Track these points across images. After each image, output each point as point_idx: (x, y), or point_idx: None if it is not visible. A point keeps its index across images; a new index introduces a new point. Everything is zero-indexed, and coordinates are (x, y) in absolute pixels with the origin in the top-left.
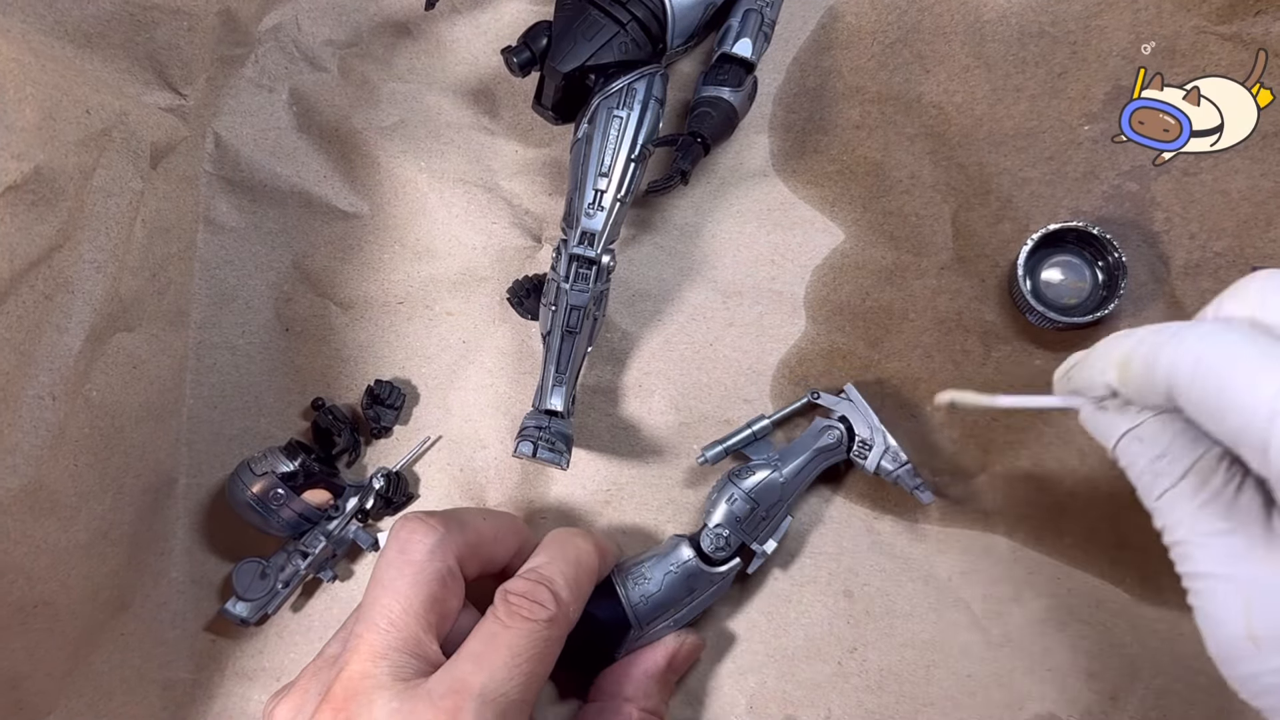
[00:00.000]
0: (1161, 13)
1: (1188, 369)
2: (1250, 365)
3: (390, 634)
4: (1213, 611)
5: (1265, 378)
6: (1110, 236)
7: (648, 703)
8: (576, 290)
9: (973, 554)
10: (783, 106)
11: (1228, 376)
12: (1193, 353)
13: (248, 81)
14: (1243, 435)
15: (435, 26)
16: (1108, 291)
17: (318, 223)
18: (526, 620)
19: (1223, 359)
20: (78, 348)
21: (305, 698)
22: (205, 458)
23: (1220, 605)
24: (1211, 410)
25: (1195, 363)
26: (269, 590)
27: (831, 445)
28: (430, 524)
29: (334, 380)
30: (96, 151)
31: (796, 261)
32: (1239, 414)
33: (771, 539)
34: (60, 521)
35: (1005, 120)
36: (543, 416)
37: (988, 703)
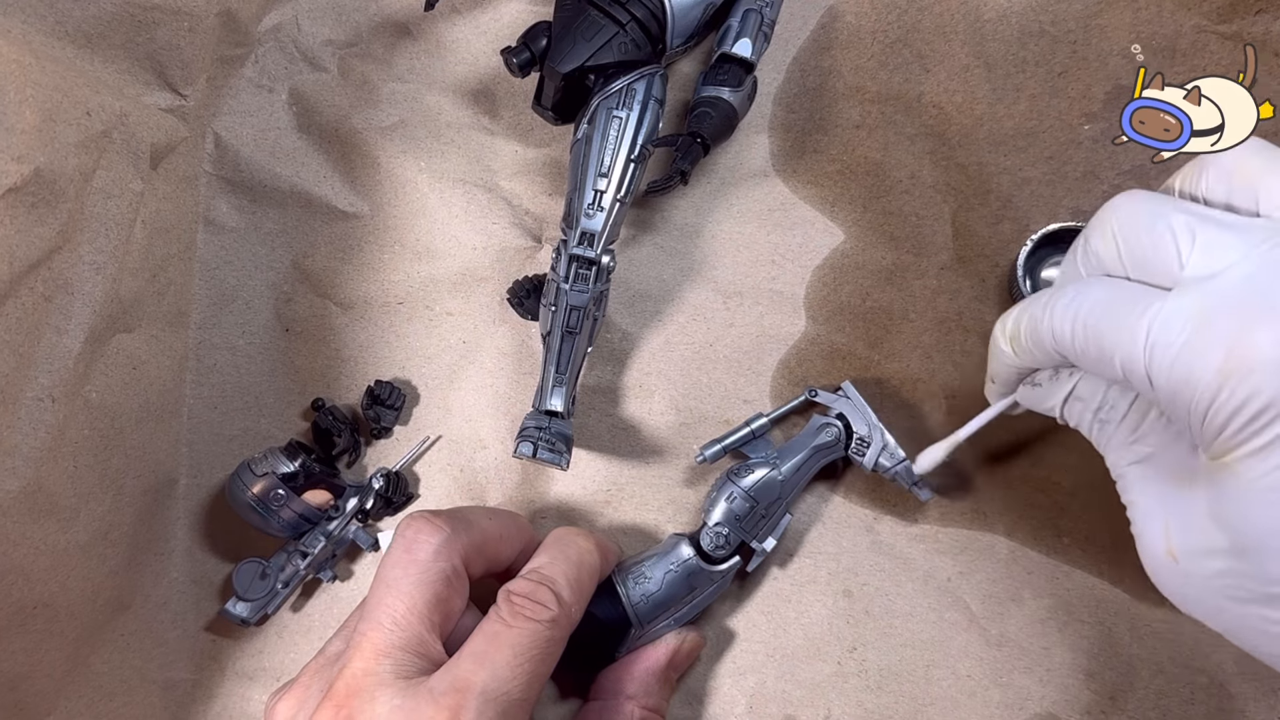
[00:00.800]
0: (1162, 12)
1: (1068, 330)
2: (1119, 311)
3: (394, 632)
4: (1141, 533)
5: (1133, 318)
6: None
7: (649, 701)
8: (576, 291)
9: (972, 554)
10: (783, 106)
11: (1103, 327)
12: (1068, 314)
13: (248, 82)
14: (1129, 372)
15: (435, 26)
16: None
17: (318, 223)
18: (529, 620)
19: (1095, 313)
20: (77, 349)
21: (307, 694)
22: (205, 458)
23: (1145, 528)
24: (1098, 359)
25: (1073, 322)
26: (269, 590)
27: (829, 443)
28: (436, 524)
29: (334, 380)
30: (96, 153)
31: (796, 261)
32: (1121, 355)
33: (771, 537)
34: (60, 522)
35: (1005, 120)
36: (543, 417)
37: (987, 703)
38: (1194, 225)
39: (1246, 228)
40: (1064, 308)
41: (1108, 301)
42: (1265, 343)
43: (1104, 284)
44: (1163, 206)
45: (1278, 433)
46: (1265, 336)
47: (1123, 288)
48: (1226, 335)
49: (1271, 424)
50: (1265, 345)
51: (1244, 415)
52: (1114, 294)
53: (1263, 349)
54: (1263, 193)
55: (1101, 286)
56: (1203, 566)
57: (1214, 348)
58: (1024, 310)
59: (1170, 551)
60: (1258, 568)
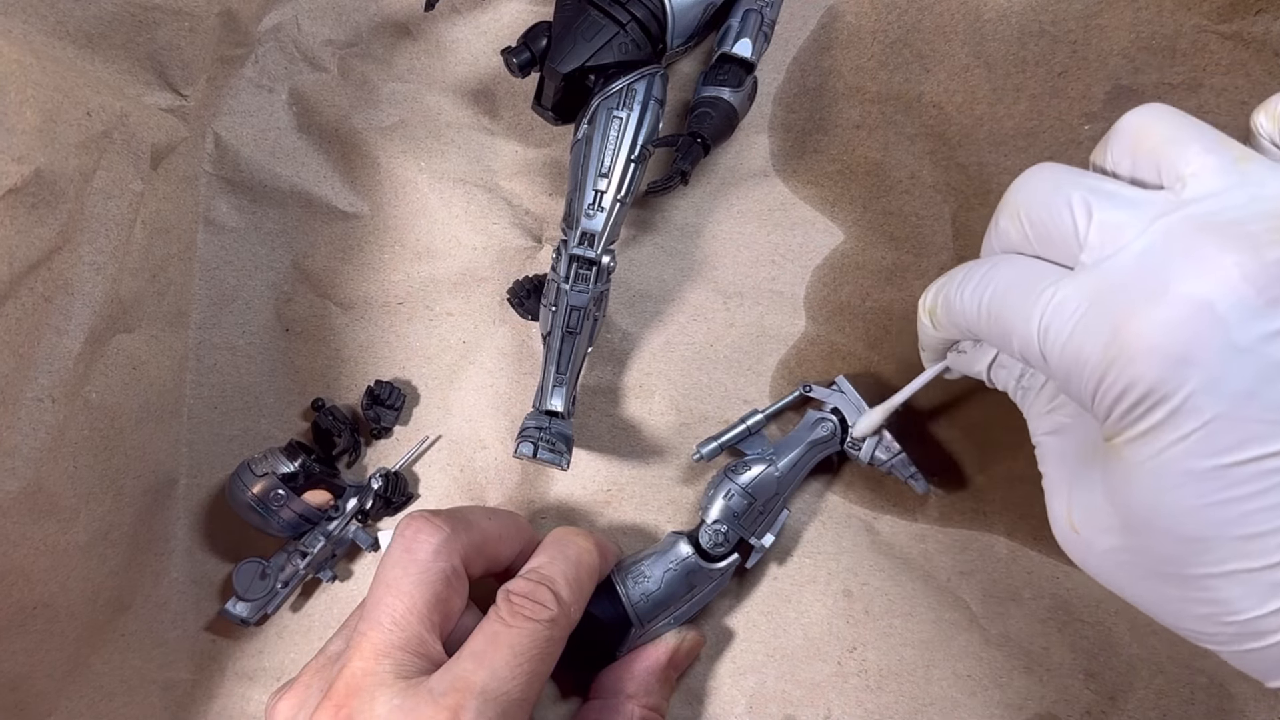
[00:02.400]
0: (1162, 12)
1: (974, 311)
2: (1017, 294)
3: (394, 632)
4: (1049, 504)
5: (1029, 302)
6: None
7: (649, 700)
8: (577, 291)
9: (972, 554)
10: (783, 106)
11: (1003, 310)
12: (975, 297)
13: (248, 82)
14: (1027, 355)
15: (435, 26)
16: None
17: (318, 223)
18: (528, 620)
19: (997, 296)
20: (77, 349)
21: (307, 694)
22: (205, 458)
23: (1052, 499)
24: (1001, 341)
25: (978, 304)
26: (269, 590)
27: (825, 437)
28: (436, 523)
29: (334, 380)
30: (97, 153)
31: (796, 262)
32: (1018, 339)
33: (769, 533)
34: (60, 523)
35: (1006, 120)
36: (543, 417)
37: (987, 703)
38: (1090, 201)
39: (1144, 202)
40: (971, 290)
41: (1009, 284)
42: (1144, 329)
43: (1010, 264)
44: (1065, 182)
45: (1159, 419)
46: (1144, 322)
47: (1026, 269)
48: (1110, 320)
49: (1152, 410)
50: (1144, 331)
51: (1126, 401)
52: (1016, 275)
53: (1142, 335)
54: (1164, 163)
55: (1007, 266)
56: (1100, 541)
57: (1098, 333)
58: (941, 288)
59: (1072, 524)
60: (1146, 547)
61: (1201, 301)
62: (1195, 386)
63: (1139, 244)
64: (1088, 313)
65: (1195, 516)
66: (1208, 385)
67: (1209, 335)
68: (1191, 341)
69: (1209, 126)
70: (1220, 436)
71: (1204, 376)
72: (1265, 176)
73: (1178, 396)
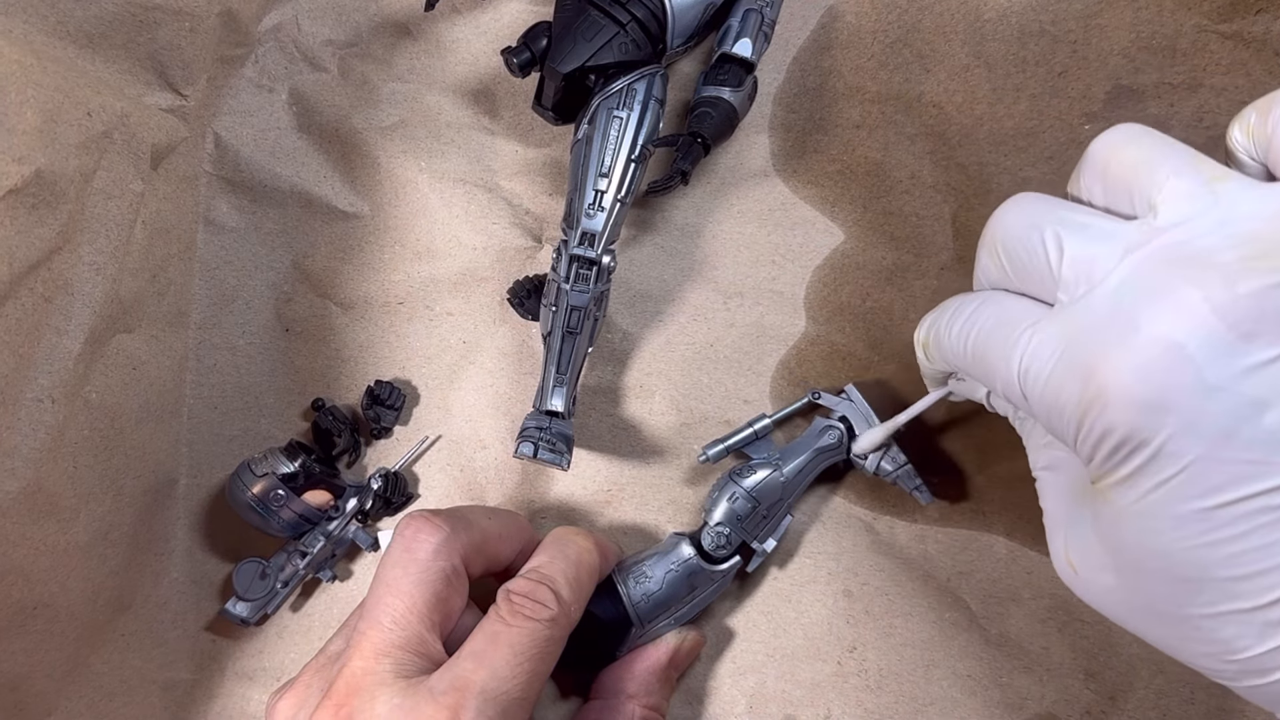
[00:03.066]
0: (1162, 12)
1: (960, 351)
2: (998, 337)
3: (394, 632)
4: (1049, 539)
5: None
6: None
7: (649, 700)
8: (577, 291)
9: (972, 554)
10: (783, 106)
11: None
12: (960, 337)
13: (248, 82)
14: (1009, 395)
15: (435, 26)
16: None
17: (318, 223)
18: (528, 619)
19: (979, 337)
20: (77, 350)
21: (307, 693)
22: (205, 458)
23: (1051, 536)
24: (986, 379)
25: (964, 344)
26: (269, 590)
27: (832, 445)
28: (435, 523)
29: (334, 380)
30: (97, 154)
31: (796, 261)
32: (1000, 382)
33: (771, 538)
34: (60, 523)
35: (1006, 119)
36: (543, 417)
37: (987, 703)
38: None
39: (1115, 235)
40: (958, 329)
41: (991, 325)
42: (1116, 374)
43: (992, 303)
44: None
45: (1138, 464)
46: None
47: (1006, 310)
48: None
49: (1131, 456)
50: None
51: (1105, 447)
52: (998, 316)
53: (1114, 381)
54: (1135, 189)
55: (990, 305)
56: (1098, 580)
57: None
58: (933, 323)
59: (1070, 563)
60: (1140, 588)
61: (1171, 342)
62: (1172, 431)
63: (1111, 281)
64: (1063, 355)
65: (1184, 559)
66: (1184, 429)
67: (1181, 377)
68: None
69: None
70: (1202, 479)
71: (1180, 420)
72: (1238, 197)
73: (1155, 442)
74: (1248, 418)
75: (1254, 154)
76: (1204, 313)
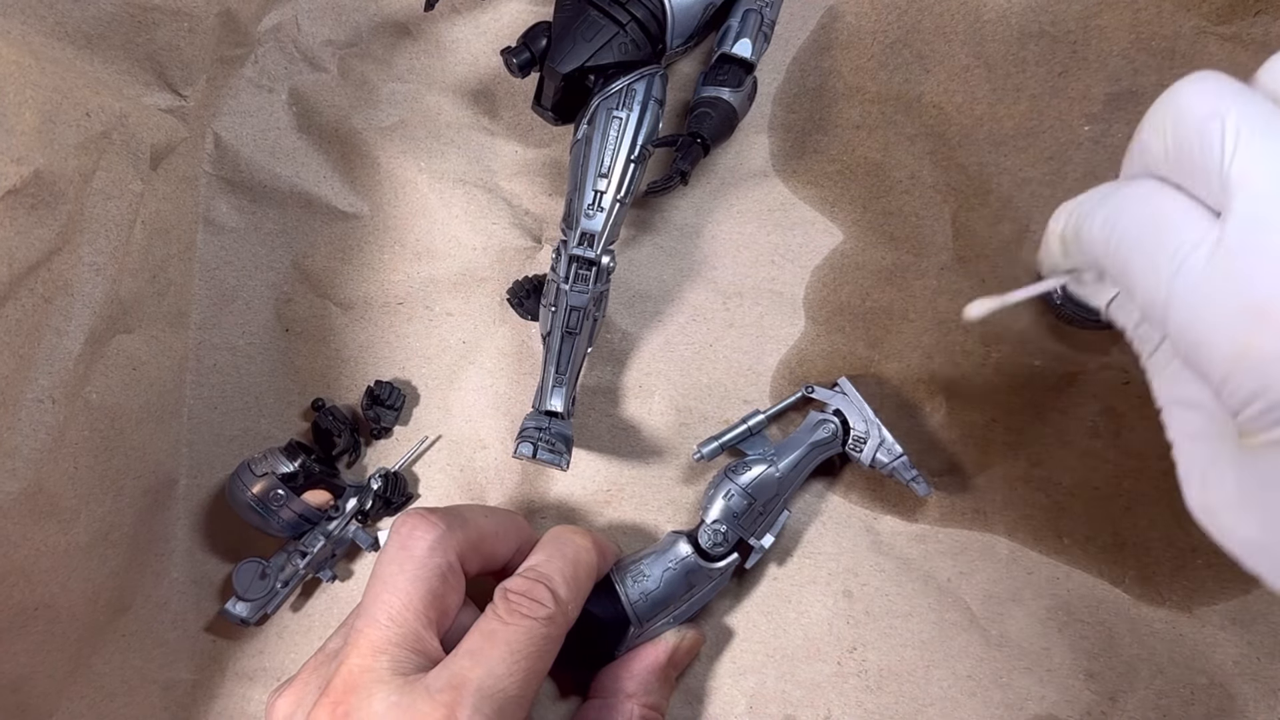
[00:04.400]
0: (1161, 13)
1: (1101, 246)
2: (1149, 242)
3: (390, 629)
4: (1183, 474)
5: (1161, 258)
6: None
7: (649, 699)
8: (576, 291)
9: (972, 554)
10: (783, 106)
11: (1132, 256)
12: (1104, 230)
13: (247, 82)
14: (1149, 311)
15: (435, 26)
16: None
17: (318, 223)
18: (525, 618)
19: (1128, 236)
20: (77, 350)
21: (305, 691)
22: (205, 458)
23: (1186, 474)
24: (1126, 285)
25: (1106, 241)
26: (269, 590)
27: (826, 439)
28: (431, 520)
29: (334, 380)
30: (96, 154)
31: (796, 262)
32: (1142, 293)
33: (769, 534)
34: (60, 524)
35: (1006, 120)
36: (543, 417)
37: (988, 703)
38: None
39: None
40: (1102, 220)
41: (1147, 224)
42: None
43: (1152, 197)
44: (1226, 102)
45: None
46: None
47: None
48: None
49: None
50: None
51: (1257, 405)
52: (1150, 216)
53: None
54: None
55: (1143, 200)
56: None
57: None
58: (1075, 210)
59: (1208, 506)
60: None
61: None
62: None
63: None
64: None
65: None
66: None
67: None
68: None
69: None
70: None
71: None
72: None
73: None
74: None
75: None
76: None
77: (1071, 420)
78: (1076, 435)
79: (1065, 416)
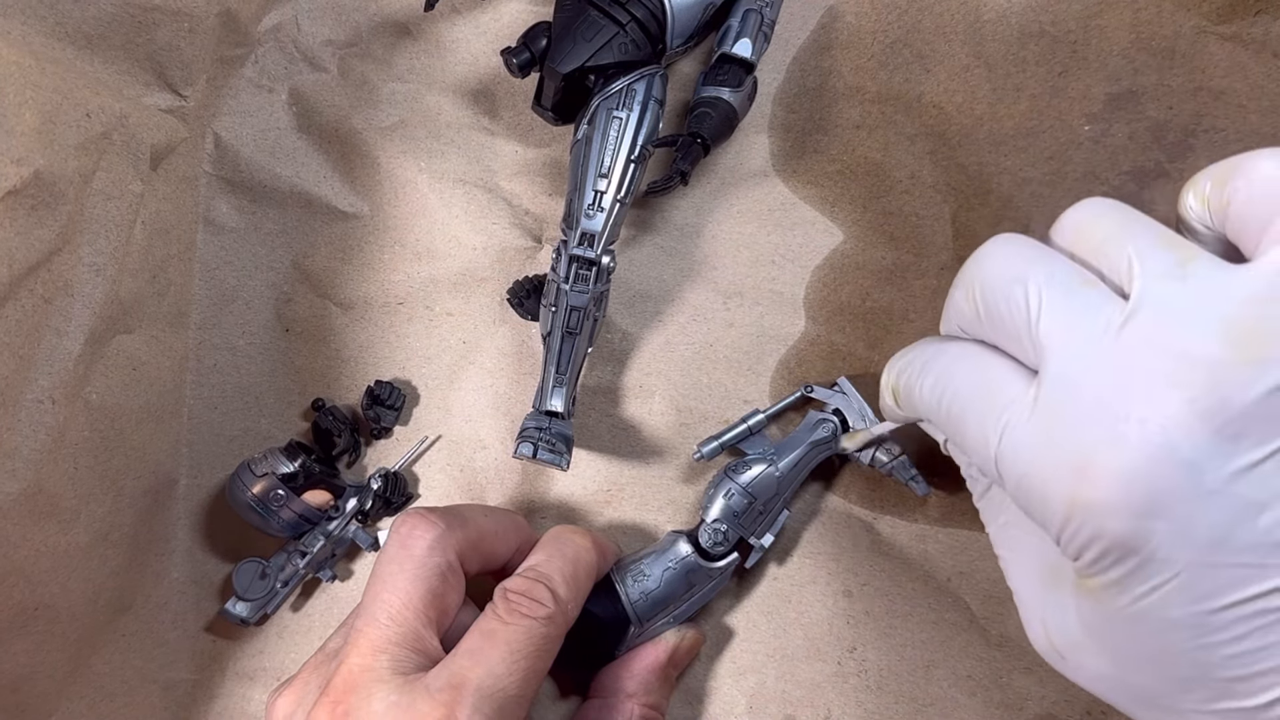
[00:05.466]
0: (1161, 13)
1: (932, 407)
2: (975, 406)
3: (390, 628)
4: (1023, 616)
5: (988, 421)
6: None
7: (649, 698)
8: (576, 291)
9: (972, 554)
10: (783, 106)
11: (962, 417)
12: (933, 393)
13: (247, 82)
14: (983, 466)
15: (435, 26)
16: None
17: (318, 223)
18: (525, 617)
19: (956, 401)
20: (77, 351)
21: (305, 690)
22: (205, 458)
23: (1027, 616)
24: (959, 443)
25: (936, 402)
26: (269, 590)
27: (826, 438)
28: (430, 519)
29: (334, 380)
30: (96, 155)
31: (796, 262)
32: (975, 454)
33: (769, 533)
34: (60, 524)
35: (1006, 120)
36: (543, 417)
37: (988, 703)
38: (1044, 298)
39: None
40: (930, 384)
41: (970, 389)
42: (1105, 478)
43: (970, 360)
44: (1026, 267)
45: (1129, 569)
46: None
47: (987, 372)
48: (1069, 462)
49: (1121, 561)
50: (1105, 481)
51: (1093, 551)
52: (974, 380)
53: (1102, 484)
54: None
55: (968, 363)
56: (1087, 667)
57: (1057, 474)
58: (903, 370)
59: (1054, 648)
60: (1134, 682)
61: (1160, 445)
62: (1163, 537)
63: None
64: (1047, 444)
65: (1180, 659)
66: (1177, 535)
67: (1172, 482)
68: (1155, 491)
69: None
70: (1196, 585)
71: (1171, 527)
72: (1209, 278)
73: (1146, 549)
74: (1242, 521)
75: (1209, 223)
76: (1188, 415)
77: None
78: None
79: None
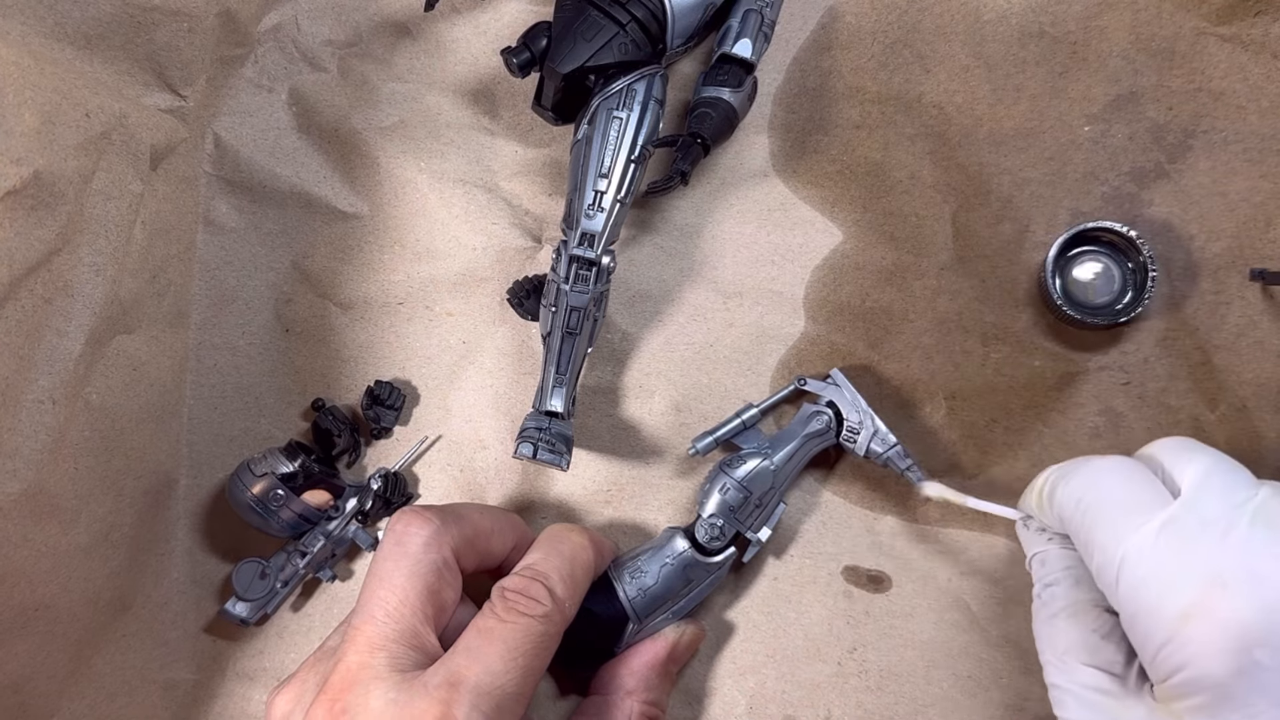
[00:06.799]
0: (1161, 13)
1: (1070, 508)
2: (1114, 513)
3: (387, 625)
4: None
5: (1123, 530)
6: (1140, 237)
7: (649, 695)
8: (576, 291)
9: (973, 554)
10: (783, 106)
11: (1095, 520)
12: (1075, 494)
13: (247, 82)
14: (1101, 574)
15: (435, 26)
16: (1135, 292)
17: (318, 223)
18: (522, 615)
19: (1095, 504)
20: (78, 351)
21: (304, 688)
22: (205, 459)
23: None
24: (1084, 547)
25: (1075, 504)
26: (269, 590)
27: (821, 430)
28: (425, 516)
29: (334, 381)
30: (96, 155)
31: (796, 262)
32: (1099, 554)
33: (766, 527)
34: (61, 525)
35: (1005, 120)
36: (543, 418)
37: (988, 703)
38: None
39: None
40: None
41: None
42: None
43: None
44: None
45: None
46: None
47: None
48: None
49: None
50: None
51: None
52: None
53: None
54: None
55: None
56: None
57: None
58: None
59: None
60: None
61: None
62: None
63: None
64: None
65: None
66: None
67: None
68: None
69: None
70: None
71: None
72: None
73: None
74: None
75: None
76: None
77: (1071, 420)
78: (1076, 435)
79: (1065, 417)
